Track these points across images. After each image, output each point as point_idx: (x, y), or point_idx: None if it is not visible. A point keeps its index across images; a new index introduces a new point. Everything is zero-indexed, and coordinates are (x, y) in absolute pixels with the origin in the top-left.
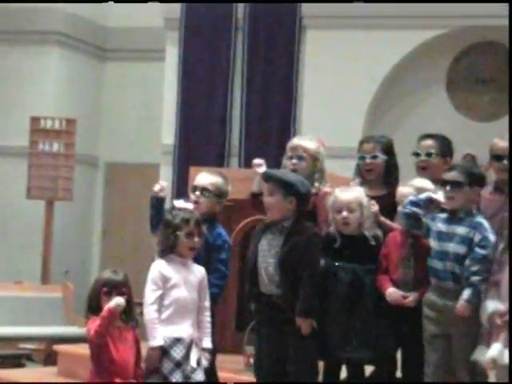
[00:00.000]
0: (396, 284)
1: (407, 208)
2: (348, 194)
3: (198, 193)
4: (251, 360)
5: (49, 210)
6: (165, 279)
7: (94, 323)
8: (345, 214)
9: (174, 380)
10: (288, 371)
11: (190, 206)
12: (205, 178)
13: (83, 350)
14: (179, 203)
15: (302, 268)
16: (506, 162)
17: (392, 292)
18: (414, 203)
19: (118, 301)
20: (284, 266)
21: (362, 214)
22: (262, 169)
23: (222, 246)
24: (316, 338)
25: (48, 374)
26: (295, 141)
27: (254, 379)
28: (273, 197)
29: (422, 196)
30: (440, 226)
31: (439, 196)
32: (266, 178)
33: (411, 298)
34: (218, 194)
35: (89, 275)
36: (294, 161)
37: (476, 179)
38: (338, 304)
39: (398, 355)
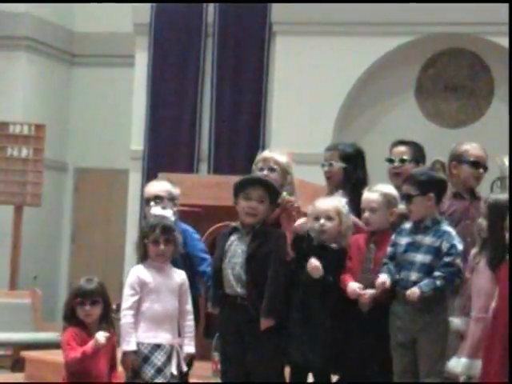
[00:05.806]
0: None
1: None
2: (327, 202)
3: (152, 203)
4: (219, 366)
5: (17, 215)
6: (142, 284)
7: (74, 352)
8: (322, 221)
9: None
10: (251, 373)
11: (168, 212)
12: (153, 187)
13: (51, 356)
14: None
15: (267, 267)
16: (481, 170)
17: (351, 286)
18: None
19: (99, 340)
20: (250, 263)
21: (341, 223)
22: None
23: (194, 238)
24: (280, 340)
25: (15, 381)
26: (266, 153)
27: None
28: (262, 204)
29: None
30: (406, 238)
31: None
32: (258, 182)
33: (367, 295)
34: (171, 198)
35: (57, 281)
36: (265, 172)
37: (427, 186)
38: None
39: None
